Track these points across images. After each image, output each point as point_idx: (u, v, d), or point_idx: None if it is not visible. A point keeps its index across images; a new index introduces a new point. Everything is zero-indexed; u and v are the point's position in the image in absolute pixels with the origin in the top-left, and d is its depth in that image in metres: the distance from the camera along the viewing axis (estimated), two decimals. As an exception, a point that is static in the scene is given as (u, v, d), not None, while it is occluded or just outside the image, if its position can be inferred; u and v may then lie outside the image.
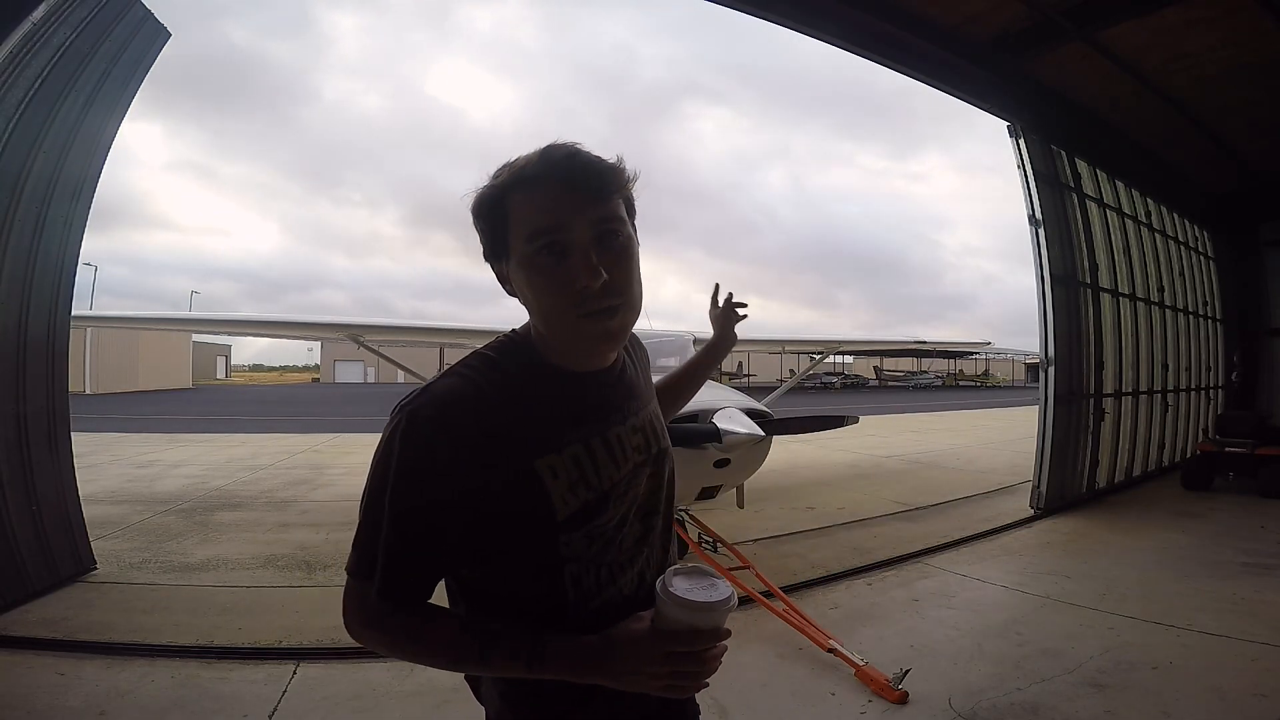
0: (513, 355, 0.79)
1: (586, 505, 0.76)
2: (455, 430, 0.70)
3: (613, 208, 0.73)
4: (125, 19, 3.66)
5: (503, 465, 0.72)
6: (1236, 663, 2.70)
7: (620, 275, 0.73)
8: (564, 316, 0.73)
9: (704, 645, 0.71)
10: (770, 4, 4.30)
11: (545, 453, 0.74)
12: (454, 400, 0.72)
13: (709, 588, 0.71)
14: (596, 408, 0.81)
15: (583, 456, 0.77)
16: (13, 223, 3.28)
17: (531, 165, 0.71)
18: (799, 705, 2.43)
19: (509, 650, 0.71)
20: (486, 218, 0.75)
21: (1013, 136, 5.59)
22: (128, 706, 2.35)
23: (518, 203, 0.72)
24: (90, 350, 25.62)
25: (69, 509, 3.67)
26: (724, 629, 0.72)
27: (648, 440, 0.86)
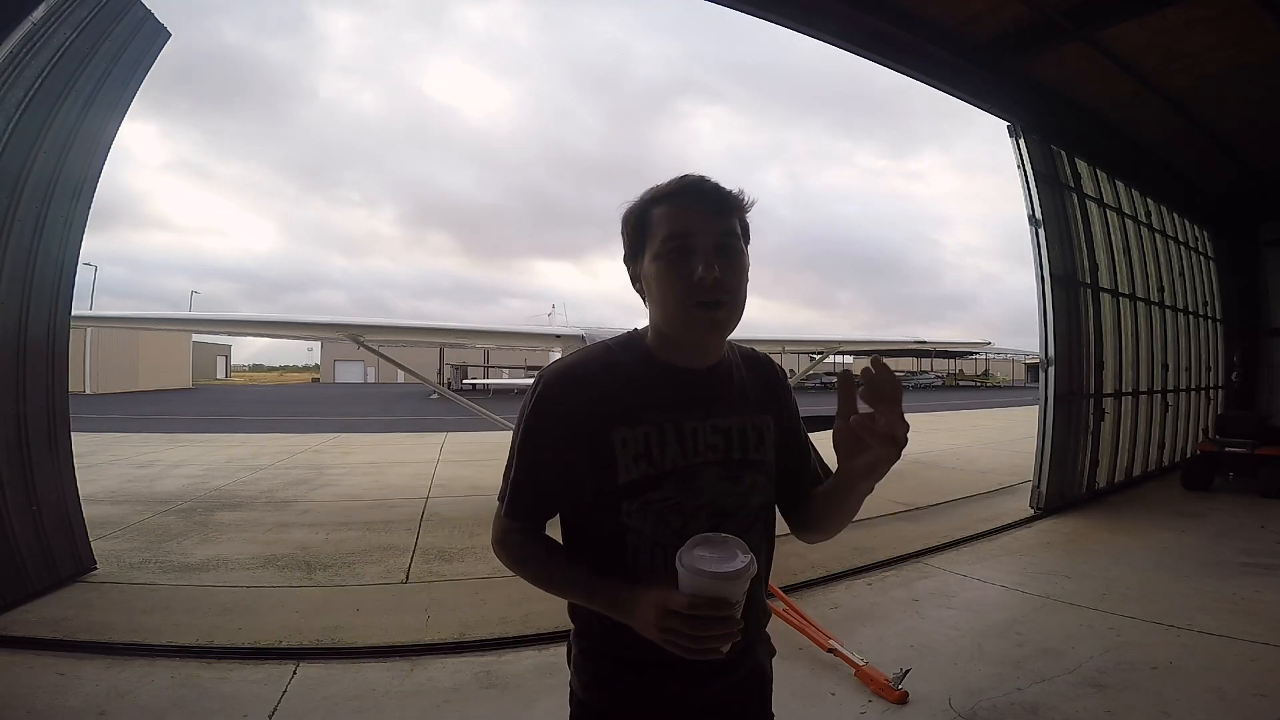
0: (626, 346, 0.97)
1: (645, 478, 0.89)
2: (565, 393, 0.91)
3: (732, 224, 0.91)
4: (125, 19, 3.66)
5: (591, 427, 0.90)
6: (1236, 663, 2.70)
7: (731, 277, 0.88)
8: (682, 303, 0.87)
9: (701, 611, 0.75)
10: (770, 4, 4.30)
11: (622, 424, 0.90)
12: (568, 371, 0.93)
13: (724, 559, 0.74)
14: (680, 400, 0.93)
15: (653, 436, 0.91)
16: (13, 223, 3.28)
17: (671, 186, 0.91)
18: (799, 705, 2.43)
19: (573, 579, 0.89)
20: (634, 225, 0.93)
21: (1013, 136, 5.59)
22: (128, 706, 2.35)
23: (658, 213, 0.90)
24: (90, 350, 25.63)
25: (69, 509, 3.67)
26: (727, 599, 0.75)
27: (729, 444, 0.95)
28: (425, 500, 6.00)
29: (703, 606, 0.74)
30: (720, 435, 0.94)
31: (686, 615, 0.75)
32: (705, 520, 0.90)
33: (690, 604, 0.75)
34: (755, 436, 0.98)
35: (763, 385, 1.03)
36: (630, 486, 0.89)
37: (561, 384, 0.92)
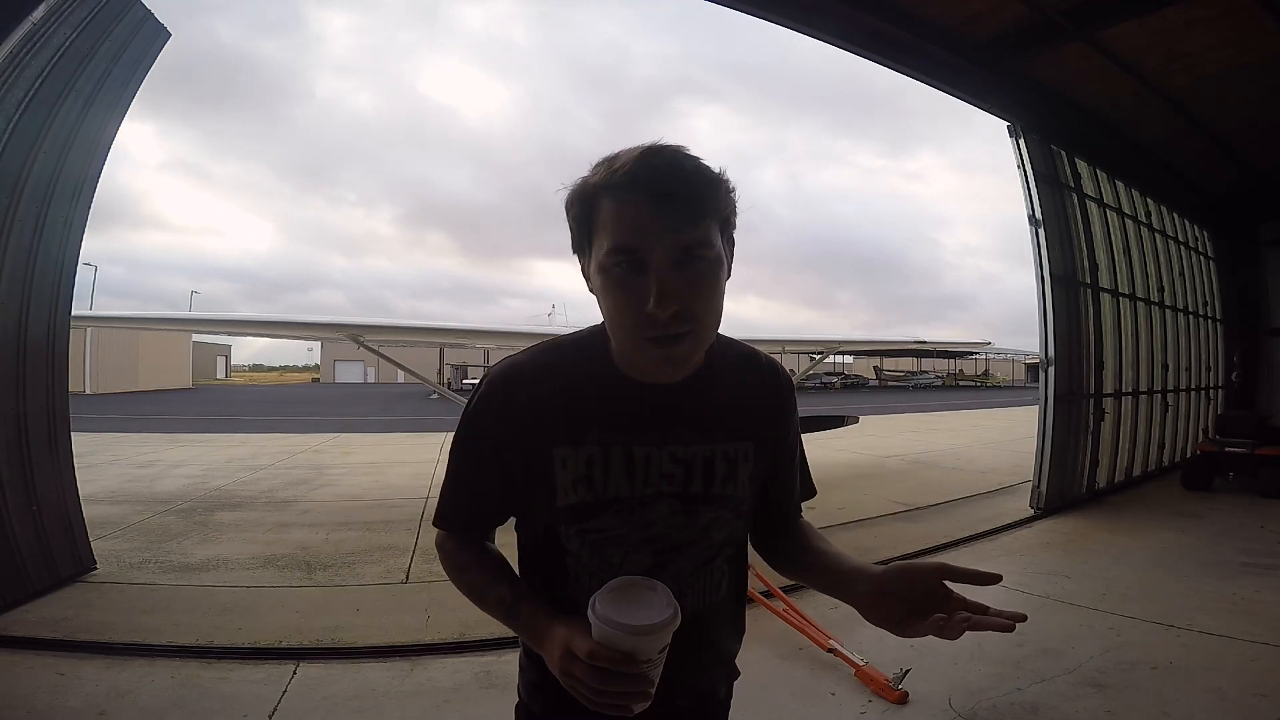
0: (584, 348, 0.83)
1: (583, 504, 0.79)
2: (507, 399, 0.80)
3: (702, 232, 0.69)
4: (125, 19, 3.66)
5: (530, 439, 0.79)
6: (1236, 663, 2.70)
7: (695, 302, 0.69)
8: (631, 334, 0.71)
9: (602, 664, 0.64)
10: (769, 3, 4.30)
11: (564, 443, 0.78)
12: (514, 373, 0.82)
13: (641, 610, 0.65)
14: (636, 419, 0.79)
15: (596, 460, 0.78)
16: (13, 223, 3.27)
17: (624, 172, 0.68)
18: (799, 705, 2.43)
19: (497, 596, 0.81)
20: (576, 215, 0.74)
21: (1013, 136, 5.59)
22: (128, 706, 2.35)
23: (606, 208, 0.70)
24: (90, 350, 25.63)
25: (69, 509, 3.67)
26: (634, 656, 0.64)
27: (688, 475, 0.80)
28: (425, 500, 5.99)
29: (603, 659, 0.64)
30: (679, 465, 0.80)
31: (587, 665, 0.65)
32: (650, 556, 0.79)
33: (590, 653, 0.65)
34: (724, 469, 0.82)
35: (751, 402, 0.86)
36: (568, 511, 0.79)
37: (505, 387, 0.81)
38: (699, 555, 0.83)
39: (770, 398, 0.89)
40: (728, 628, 0.91)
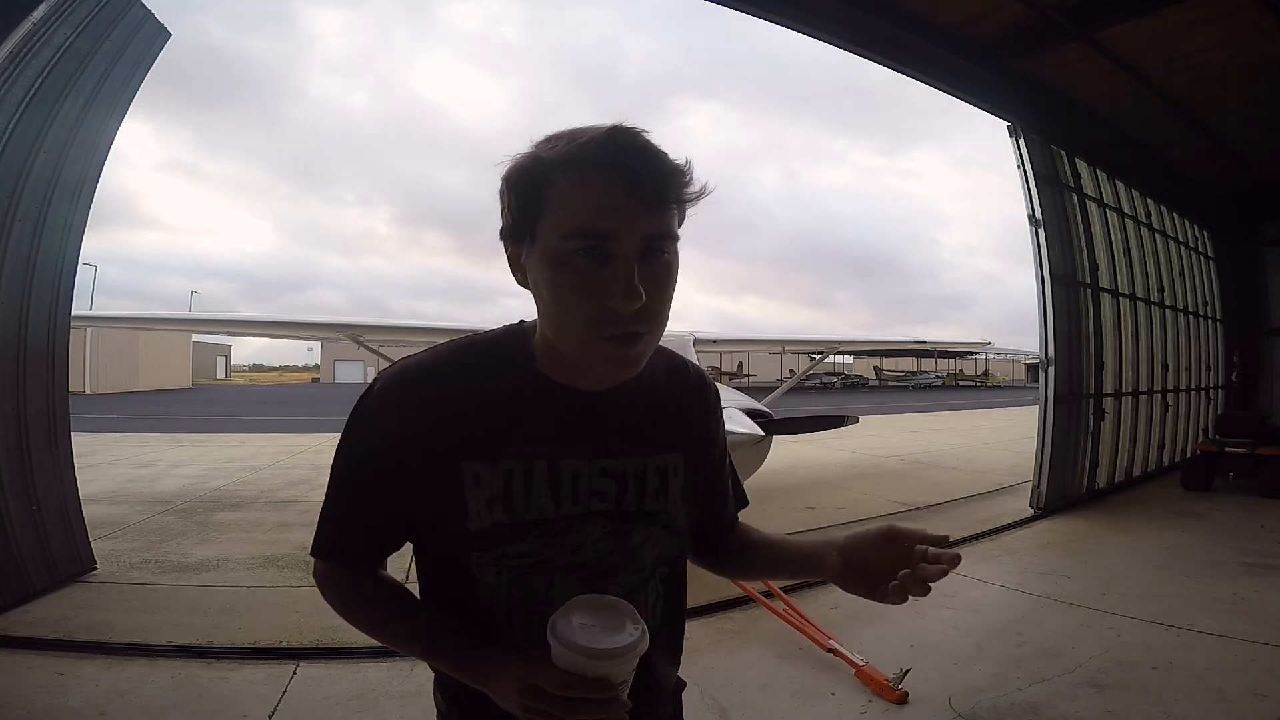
0: (501, 346, 0.73)
1: (498, 527, 0.68)
2: (403, 406, 0.68)
3: (669, 220, 0.62)
4: (125, 19, 3.66)
5: (434, 453, 0.68)
6: (1236, 663, 2.70)
7: (656, 301, 0.62)
8: (583, 331, 0.62)
9: (574, 693, 0.58)
10: (769, 3, 4.30)
11: (477, 456, 0.68)
12: (412, 376, 0.70)
13: (608, 631, 0.60)
14: (563, 431, 0.70)
15: (516, 476, 0.68)
16: (13, 223, 3.28)
17: (591, 147, 0.59)
18: (799, 705, 2.43)
19: (408, 632, 0.72)
20: (521, 192, 0.63)
21: (1013, 136, 5.59)
22: (128, 706, 2.35)
23: (563, 187, 0.60)
24: (90, 350, 25.62)
25: (69, 509, 3.67)
26: (609, 680, 0.58)
27: (620, 491, 0.72)
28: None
29: (576, 687, 0.57)
30: (611, 480, 0.72)
31: (559, 697, 0.58)
32: (578, 583, 0.70)
33: (562, 684, 0.58)
34: (656, 482, 0.75)
35: (680, 412, 0.79)
36: (481, 536, 0.68)
37: (401, 393, 0.69)
38: (631, 579, 0.74)
39: (699, 408, 0.83)
40: (665, 656, 0.79)
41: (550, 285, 0.62)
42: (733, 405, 3.45)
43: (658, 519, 0.75)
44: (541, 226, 0.62)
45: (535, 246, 0.63)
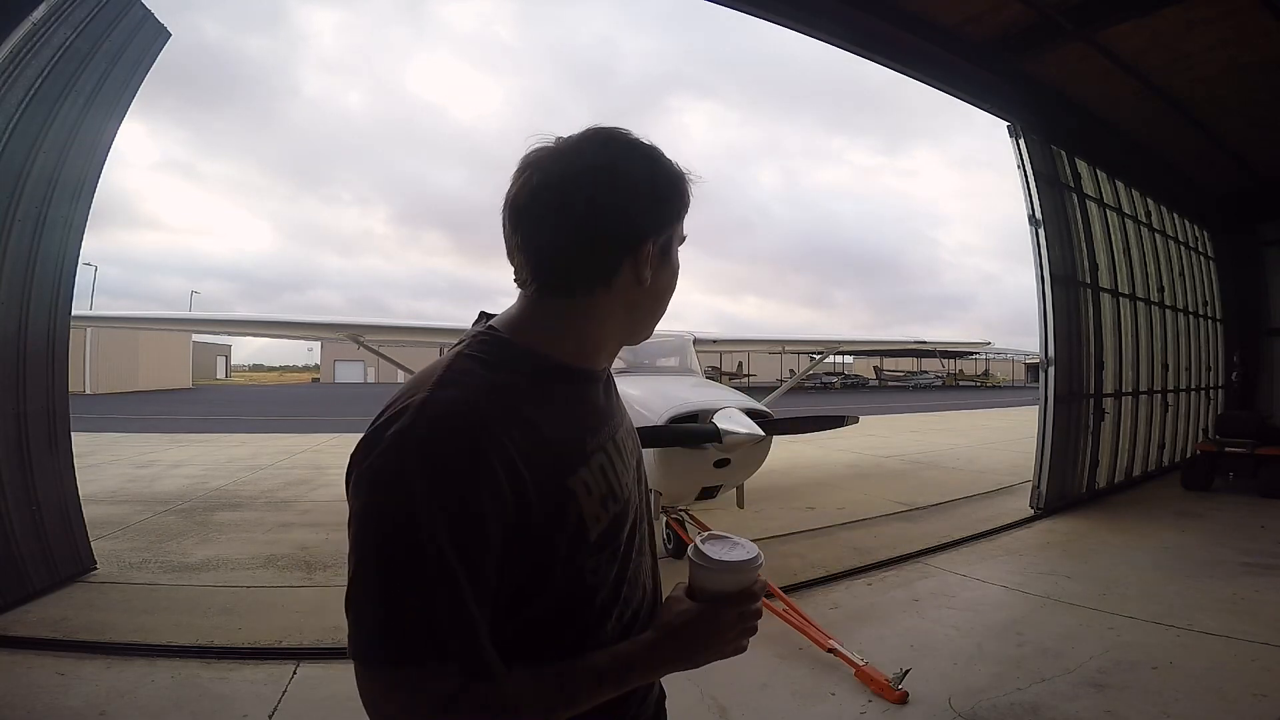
0: (510, 356, 0.68)
1: (614, 519, 0.70)
2: (484, 449, 0.59)
3: None
4: (125, 19, 3.67)
5: (537, 483, 0.62)
6: (1236, 663, 2.71)
7: None
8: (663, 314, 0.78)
9: (759, 597, 0.73)
10: (769, 3, 4.30)
11: (576, 467, 0.67)
12: (473, 410, 0.61)
13: (737, 547, 0.73)
14: (603, 410, 0.76)
15: (607, 465, 0.71)
16: (13, 223, 3.28)
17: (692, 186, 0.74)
18: (799, 705, 2.43)
19: (593, 675, 0.64)
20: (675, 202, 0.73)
21: (1013, 136, 5.59)
22: (128, 706, 2.35)
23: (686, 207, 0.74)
24: (90, 350, 25.62)
25: (69, 509, 3.67)
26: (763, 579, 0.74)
27: (635, 443, 0.83)
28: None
29: (760, 591, 0.73)
30: (630, 437, 0.81)
31: (757, 607, 0.73)
32: (638, 531, 0.77)
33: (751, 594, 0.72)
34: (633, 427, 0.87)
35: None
36: (601, 539, 0.68)
37: (472, 432, 0.59)
38: (649, 514, 0.84)
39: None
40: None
41: (667, 290, 0.75)
42: (732, 405, 3.45)
43: (641, 454, 0.85)
44: (675, 233, 0.74)
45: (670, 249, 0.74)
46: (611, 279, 0.69)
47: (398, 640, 0.57)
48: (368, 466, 0.59)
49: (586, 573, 0.67)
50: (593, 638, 0.68)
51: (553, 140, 0.69)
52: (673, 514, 3.98)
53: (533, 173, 0.68)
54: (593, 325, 0.72)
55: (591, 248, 0.68)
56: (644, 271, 0.70)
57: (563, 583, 0.66)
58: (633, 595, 0.75)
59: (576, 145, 0.69)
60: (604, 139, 0.69)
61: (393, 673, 0.57)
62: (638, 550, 0.77)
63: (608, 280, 0.69)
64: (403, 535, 0.57)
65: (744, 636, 0.73)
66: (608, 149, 0.69)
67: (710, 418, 3.30)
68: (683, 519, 4.01)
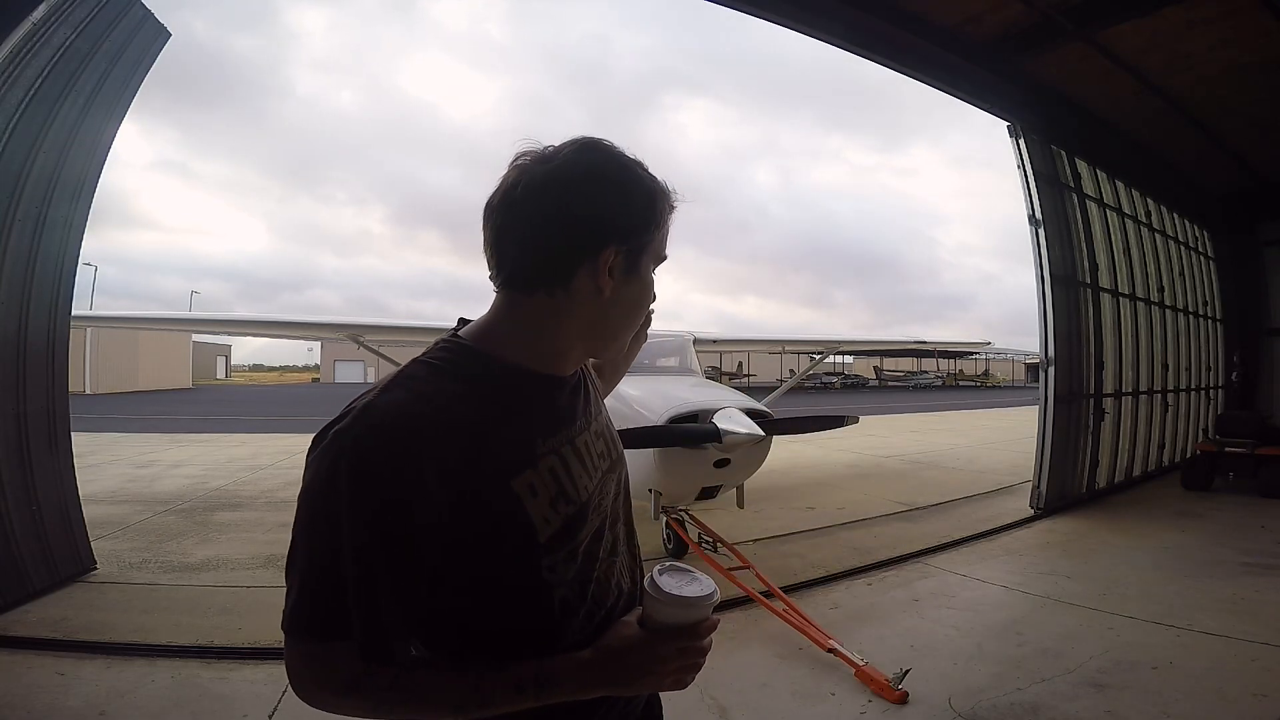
0: (464, 361, 0.71)
1: (568, 521, 0.71)
2: (412, 453, 0.62)
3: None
4: (125, 19, 3.66)
5: (474, 490, 0.65)
6: (1236, 663, 2.71)
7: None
8: (630, 328, 0.79)
9: (704, 635, 0.71)
10: (769, 3, 4.30)
11: (521, 469, 0.68)
12: (406, 417, 0.63)
13: (694, 582, 0.71)
14: (562, 413, 0.76)
15: (558, 468, 0.72)
16: (13, 223, 3.28)
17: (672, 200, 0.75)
18: (799, 705, 2.43)
19: (512, 683, 0.65)
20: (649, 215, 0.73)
21: (1013, 136, 5.59)
22: (127, 706, 2.35)
23: (664, 224, 0.75)
24: (90, 350, 25.61)
25: (69, 509, 3.67)
26: (703, 621, 0.71)
27: (608, 446, 0.83)
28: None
29: (707, 630, 0.71)
30: (601, 439, 0.82)
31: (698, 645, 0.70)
32: (609, 534, 0.80)
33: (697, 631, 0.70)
34: (613, 428, 0.88)
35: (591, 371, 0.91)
36: (555, 538, 0.70)
37: (404, 441, 0.62)
38: (627, 523, 0.86)
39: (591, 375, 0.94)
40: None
41: (635, 304, 0.76)
42: (732, 405, 3.45)
43: (624, 459, 0.88)
44: (648, 249, 0.74)
45: (640, 264, 0.74)
46: (569, 282, 0.71)
47: (308, 617, 0.63)
48: (311, 460, 0.64)
49: (543, 570, 0.70)
50: (557, 635, 0.71)
51: (539, 146, 0.72)
52: (673, 514, 3.98)
53: (510, 172, 0.71)
54: (550, 327, 0.73)
55: (549, 246, 0.70)
56: (603, 279, 0.70)
57: (515, 580, 0.69)
58: (604, 596, 0.76)
59: (557, 150, 0.71)
60: (584, 146, 0.71)
61: (304, 645, 0.63)
62: (607, 551, 0.78)
63: (565, 282, 0.71)
64: (324, 527, 0.62)
65: (685, 673, 0.71)
66: (584, 155, 0.70)
67: (710, 418, 3.30)
68: (683, 519, 4.01)
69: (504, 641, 0.70)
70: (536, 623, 0.71)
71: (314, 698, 0.64)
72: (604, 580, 0.77)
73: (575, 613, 0.73)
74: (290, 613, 0.64)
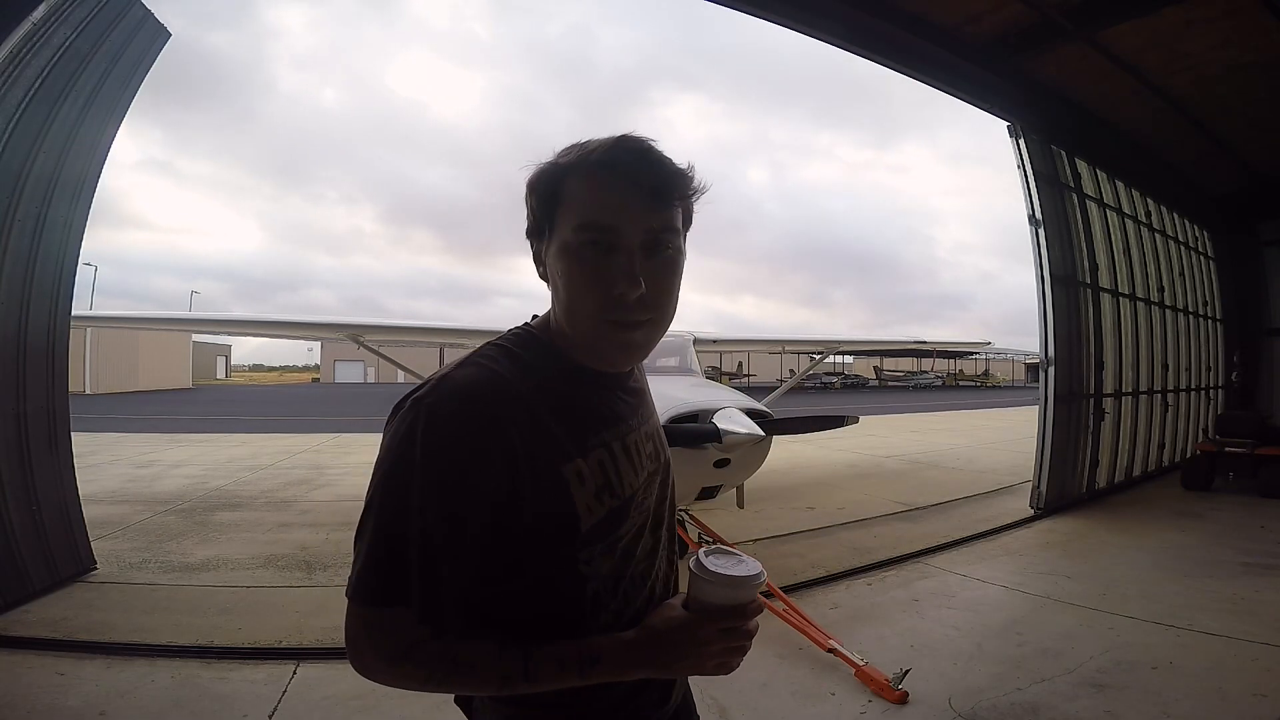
0: (533, 348, 0.74)
1: (610, 514, 0.72)
2: (484, 426, 0.65)
3: (670, 217, 0.70)
4: (125, 19, 3.66)
5: (530, 468, 0.67)
6: (1236, 663, 2.71)
7: (658, 290, 0.70)
8: (591, 317, 0.70)
9: (751, 617, 0.71)
10: (769, 3, 4.30)
11: (572, 456, 0.70)
12: (480, 392, 0.67)
13: (740, 563, 0.71)
14: (616, 410, 0.77)
15: (607, 462, 0.73)
16: (13, 223, 3.28)
17: (599, 152, 0.68)
18: (799, 705, 2.43)
19: (557, 659, 0.66)
20: (540, 194, 0.71)
21: (1013, 136, 5.59)
22: (128, 706, 2.35)
23: (575, 187, 0.68)
24: (90, 350, 25.61)
25: (69, 509, 3.67)
26: (749, 603, 0.71)
27: (657, 449, 0.83)
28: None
29: (752, 611, 0.71)
30: (650, 442, 0.82)
31: (744, 626, 0.71)
32: (650, 537, 0.80)
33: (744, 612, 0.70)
34: (662, 432, 0.88)
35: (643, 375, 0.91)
36: (596, 530, 0.70)
37: (474, 413, 0.65)
38: (670, 528, 0.85)
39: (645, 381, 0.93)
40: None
41: (565, 275, 0.70)
42: (732, 405, 3.44)
43: (670, 465, 0.87)
44: (558, 222, 0.70)
45: (553, 241, 0.71)
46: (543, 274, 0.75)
47: (370, 582, 0.64)
48: (389, 425, 0.67)
49: (580, 562, 0.70)
50: (583, 628, 0.71)
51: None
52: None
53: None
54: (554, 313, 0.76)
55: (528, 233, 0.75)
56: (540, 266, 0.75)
57: (552, 566, 0.70)
58: (636, 596, 0.76)
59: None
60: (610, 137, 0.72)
61: (364, 611, 0.65)
62: (645, 553, 0.78)
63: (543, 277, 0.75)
64: (396, 486, 0.64)
65: (731, 655, 0.72)
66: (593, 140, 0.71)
67: (710, 418, 3.30)
68: (683, 519, 4.01)
69: (534, 629, 0.70)
70: (566, 611, 0.71)
71: (368, 665, 0.66)
72: (638, 580, 0.77)
73: (605, 607, 0.73)
74: (355, 578, 0.65)
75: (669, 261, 0.71)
